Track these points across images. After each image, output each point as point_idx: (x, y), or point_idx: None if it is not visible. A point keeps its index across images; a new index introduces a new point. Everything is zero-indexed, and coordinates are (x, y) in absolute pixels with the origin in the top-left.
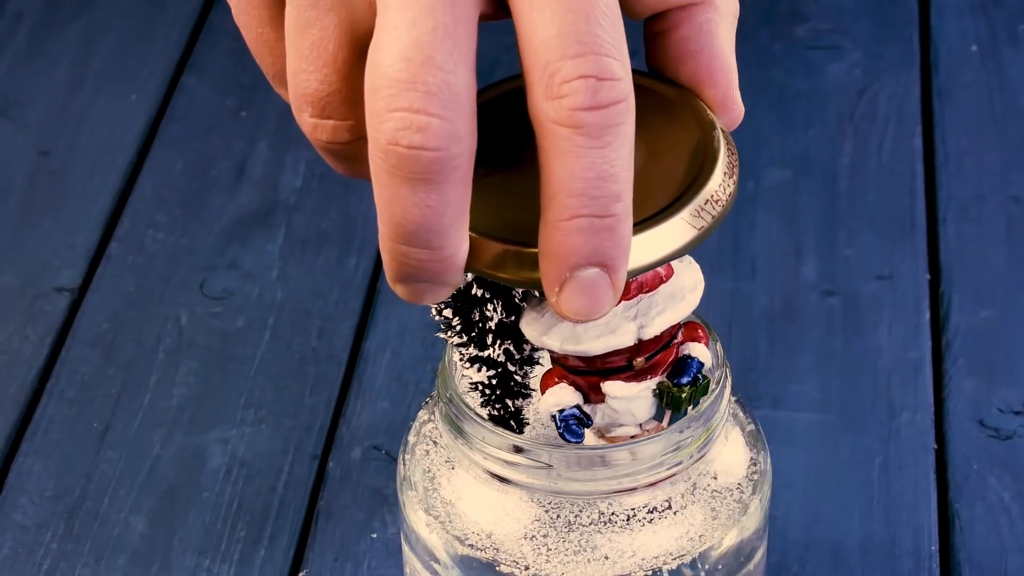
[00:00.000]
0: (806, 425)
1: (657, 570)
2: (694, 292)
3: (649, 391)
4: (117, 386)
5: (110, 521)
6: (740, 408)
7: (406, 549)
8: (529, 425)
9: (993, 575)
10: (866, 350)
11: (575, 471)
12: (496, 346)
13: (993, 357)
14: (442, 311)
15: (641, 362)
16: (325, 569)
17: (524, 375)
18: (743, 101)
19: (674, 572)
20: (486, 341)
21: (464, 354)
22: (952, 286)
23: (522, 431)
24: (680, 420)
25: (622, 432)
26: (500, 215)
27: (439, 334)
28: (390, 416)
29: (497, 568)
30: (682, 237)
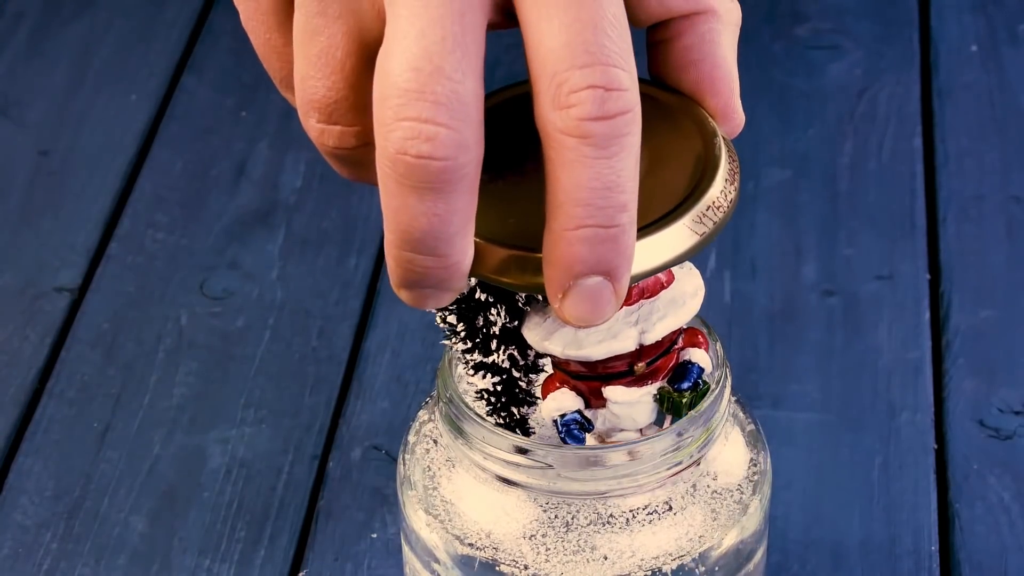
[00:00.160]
0: (806, 425)
1: (657, 570)
2: (695, 298)
3: (650, 396)
4: (117, 386)
5: (110, 521)
6: (740, 408)
7: (406, 549)
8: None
9: (993, 575)
10: (866, 350)
11: (575, 471)
12: (500, 351)
13: (993, 357)
14: (446, 318)
15: (642, 367)
16: (325, 569)
17: (529, 382)
18: (743, 101)
19: (674, 572)
20: (490, 346)
21: (469, 361)
22: (952, 286)
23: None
24: (680, 420)
25: (623, 437)
26: (504, 220)
27: (444, 342)
28: (390, 416)
29: (496, 568)
30: (684, 243)
